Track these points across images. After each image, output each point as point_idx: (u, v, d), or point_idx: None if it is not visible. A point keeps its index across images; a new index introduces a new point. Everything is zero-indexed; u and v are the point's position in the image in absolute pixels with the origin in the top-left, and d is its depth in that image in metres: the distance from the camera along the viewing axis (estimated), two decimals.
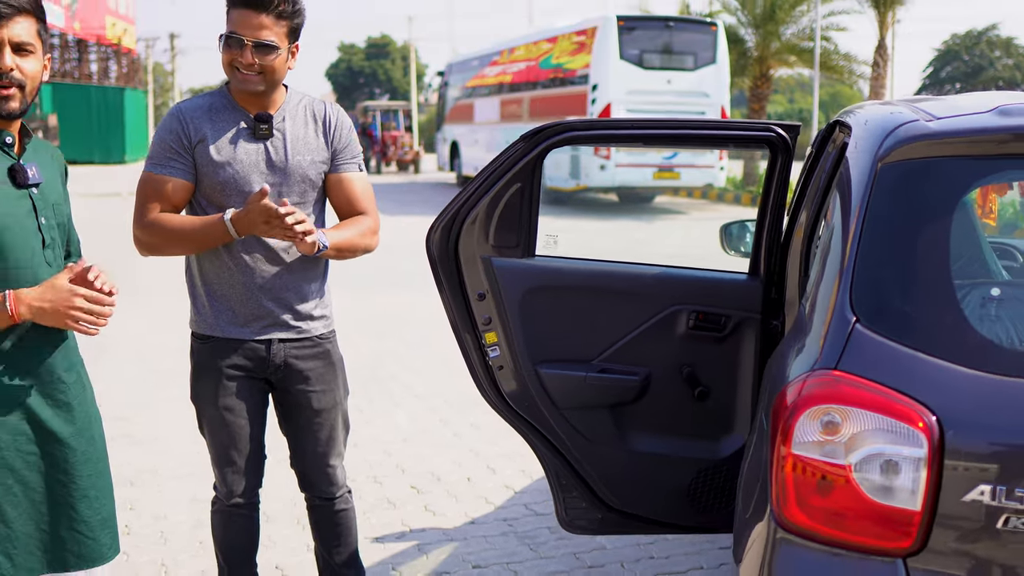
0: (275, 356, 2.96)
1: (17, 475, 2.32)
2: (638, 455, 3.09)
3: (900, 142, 1.96)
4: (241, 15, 2.80)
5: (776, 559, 1.77)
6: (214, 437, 3.01)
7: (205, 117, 2.90)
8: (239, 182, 2.86)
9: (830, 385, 1.76)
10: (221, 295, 2.93)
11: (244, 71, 2.82)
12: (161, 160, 2.89)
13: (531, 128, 2.90)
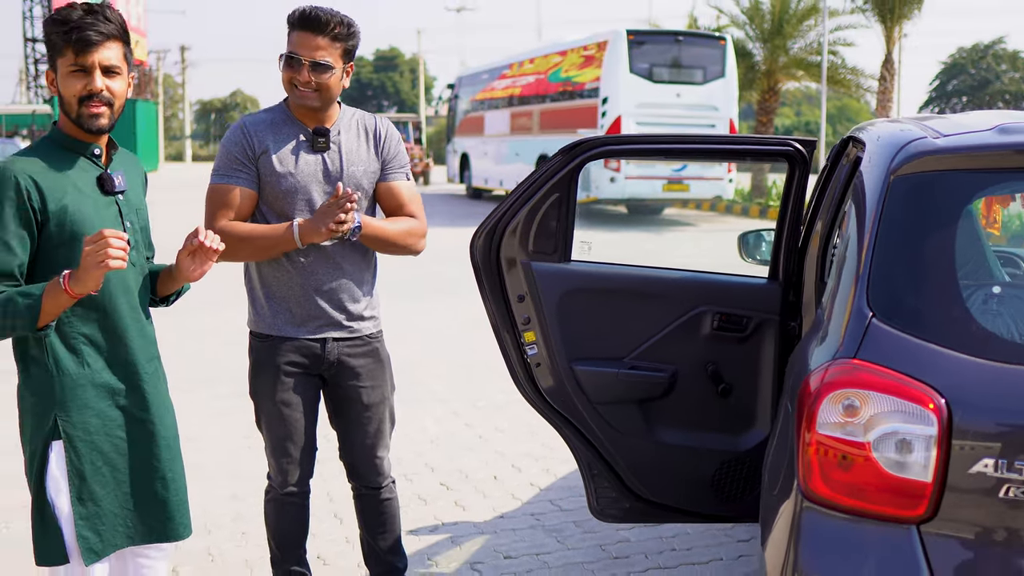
0: (329, 354, 3.18)
1: (106, 457, 2.54)
2: (665, 447, 3.31)
3: (910, 157, 2.18)
4: (300, 36, 3.04)
5: (803, 526, 1.99)
6: (271, 430, 3.23)
7: (268, 130, 3.13)
8: (300, 191, 3.09)
9: (850, 372, 1.98)
10: (280, 297, 3.15)
11: (302, 88, 3.06)
12: (227, 171, 3.12)
13: (568, 144, 3.14)
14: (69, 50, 2.46)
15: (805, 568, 1.97)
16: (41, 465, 2.49)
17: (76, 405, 2.48)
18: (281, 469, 3.26)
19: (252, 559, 4.07)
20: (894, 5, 20.61)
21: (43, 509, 2.50)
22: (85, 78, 2.48)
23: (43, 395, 2.47)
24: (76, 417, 2.48)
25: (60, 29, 2.46)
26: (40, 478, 2.49)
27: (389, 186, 3.23)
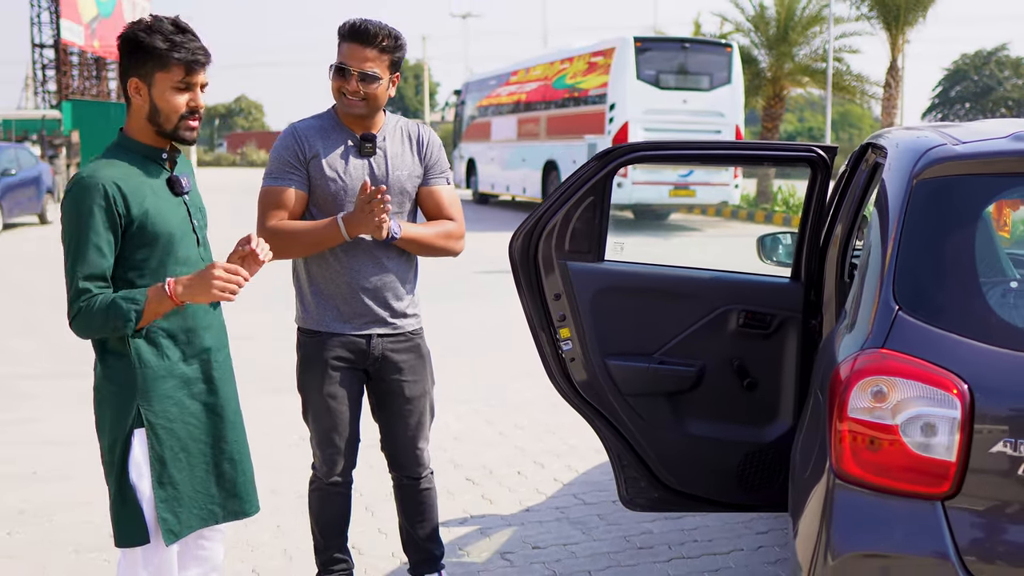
0: (374, 349, 3.35)
1: (182, 443, 2.70)
2: (693, 439, 3.47)
3: (932, 162, 2.35)
4: (350, 48, 3.20)
5: (835, 504, 2.15)
6: (318, 422, 3.39)
7: (317, 136, 3.30)
8: (348, 194, 3.26)
9: (878, 361, 2.14)
10: (328, 295, 3.32)
11: (350, 97, 3.22)
12: (279, 173, 3.28)
13: (602, 150, 3.31)
14: (179, 68, 2.62)
15: (837, 542, 2.13)
16: (124, 452, 2.64)
17: (156, 395, 2.64)
18: (326, 460, 3.43)
19: (290, 549, 4.24)
20: (899, 13, 20.78)
21: (125, 493, 2.65)
22: (189, 94, 2.65)
23: (125, 386, 2.63)
24: (157, 406, 2.64)
25: (168, 46, 2.60)
26: (123, 464, 2.64)
27: (431, 190, 3.40)
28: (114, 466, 2.67)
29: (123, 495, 2.67)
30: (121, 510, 2.68)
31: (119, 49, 2.70)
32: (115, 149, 2.73)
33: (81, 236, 2.58)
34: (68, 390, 6.91)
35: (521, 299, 3.46)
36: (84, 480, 5.06)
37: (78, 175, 2.64)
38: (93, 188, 2.56)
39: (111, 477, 2.69)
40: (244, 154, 69.74)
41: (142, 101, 2.68)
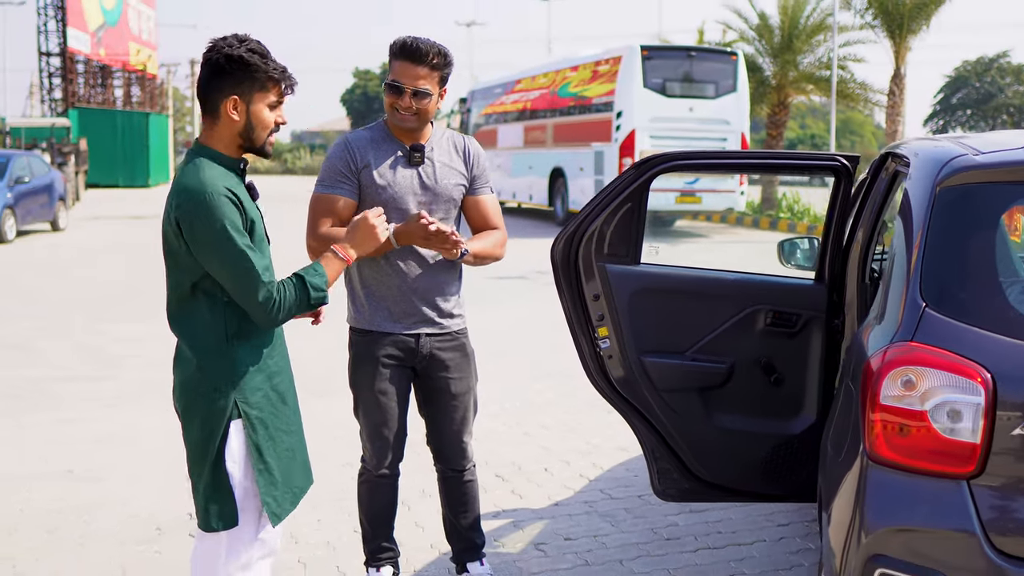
0: (423, 348, 3.55)
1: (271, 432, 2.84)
2: (723, 432, 3.67)
3: (954, 171, 2.54)
4: (402, 66, 3.40)
5: (868, 484, 2.34)
6: (368, 417, 3.59)
7: (369, 147, 3.50)
8: (397, 201, 3.46)
9: (908, 352, 2.34)
10: (379, 296, 3.52)
11: (403, 112, 3.43)
12: (331, 182, 3.49)
13: (639, 160, 3.52)
14: (276, 89, 2.81)
15: (871, 518, 2.32)
16: (221, 441, 2.82)
17: (250, 388, 2.83)
18: (376, 453, 3.63)
19: (332, 540, 4.43)
20: (903, 21, 21.01)
21: (219, 479, 2.82)
22: (276, 112, 2.85)
23: (222, 381, 2.81)
24: (251, 398, 2.82)
25: (268, 68, 2.79)
26: (219, 452, 2.82)
27: (477, 200, 3.61)
28: (208, 455, 2.82)
29: (216, 482, 2.83)
30: (213, 495, 2.84)
31: (212, 67, 2.81)
32: (204, 161, 2.83)
33: (236, 241, 2.72)
34: (98, 392, 7.11)
35: (561, 300, 3.66)
36: (119, 479, 5.25)
37: (198, 188, 2.73)
38: (220, 198, 2.70)
39: (204, 465, 2.83)
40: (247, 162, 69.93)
41: (238, 117, 2.82)
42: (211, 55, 2.81)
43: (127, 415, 6.48)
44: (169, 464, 5.46)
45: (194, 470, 2.90)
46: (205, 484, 2.87)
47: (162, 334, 10.11)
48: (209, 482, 2.85)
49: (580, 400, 6.94)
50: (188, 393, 2.88)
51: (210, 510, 2.87)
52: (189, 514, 4.72)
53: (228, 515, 2.86)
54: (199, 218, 2.71)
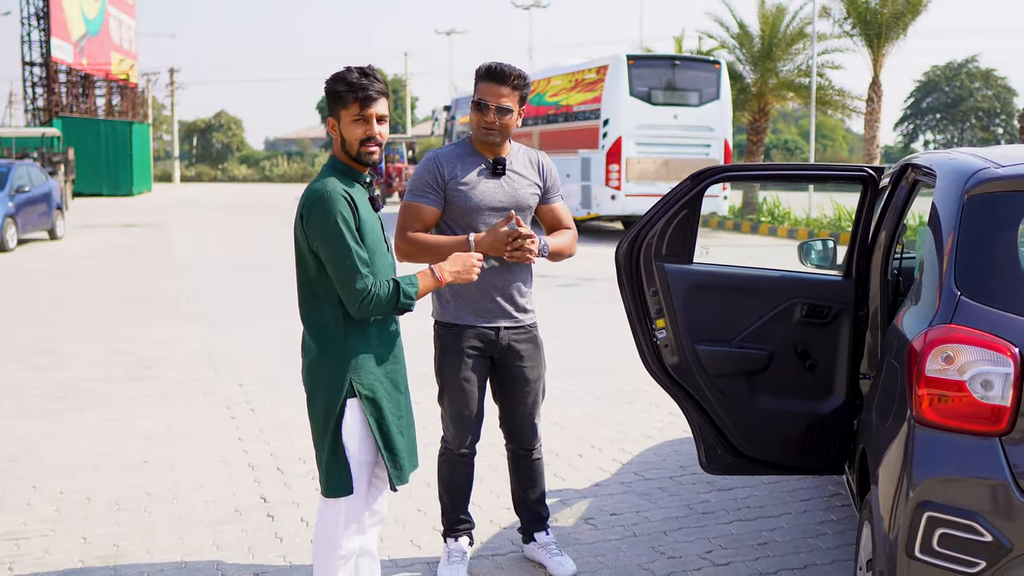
0: (502, 339, 3.99)
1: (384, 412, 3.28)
2: (764, 411, 4.12)
3: (980, 181, 3.02)
4: (487, 87, 3.86)
5: (916, 443, 2.80)
6: (453, 401, 4.02)
7: (456, 161, 3.94)
8: (482, 209, 3.91)
9: (948, 333, 2.80)
10: (464, 293, 3.95)
11: (487, 128, 3.88)
12: (420, 192, 3.93)
13: (695, 171, 4.00)
14: (356, 104, 3.21)
15: (919, 471, 2.78)
16: (338, 417, 3.25)
17: (364, 371, 3.26)
18: (459, 433, 4.06)
19: (401, 518, 4.85)
20: (881, 30, 21.66)
21: (337, 452, 3.24)
22: (365, 125, 3.24)
23: (340, 365, 3.23)
24: (364, 380, 3.25)
25: (346, 87, 3.21)
26: (337, 427, 3.25)
27: (551, 207, 4.07)
28: (328, 429, 3.25)
29: (335, 454, 3.26)
30: (332, 466, 3.26)
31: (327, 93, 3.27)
32: (330, 170, 3.29)
33: (344, 234, 3.13)
34: (139, 391, 7.49)
35: (622, 295, 4.12)
36: (191, 468, 5.65)
37: (320, 188, 3.18)
38: (336, 197, 3.13)
39: (324, 439, 3.26)
40: (225, 169, 70.12)
41: (336, 134, 3.29)
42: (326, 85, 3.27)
43: (175, 412, 6.86)
44: (230, 456, 5.88)
45: (317, 443, 3.33)
46: (326, 456, 3.29)
47: (187, 336, 10.77)
48: (329, 454, 3.28)
49: (601, 394, 7.40)
50: (313, 375, 3.31)
51: (331, 479, 3.29)
52: (263, 498, 5.15)
53: (345, 484, 3.28)
54: (316, 210, 3.15)
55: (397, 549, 4.47)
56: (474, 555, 4.39)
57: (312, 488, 5.25)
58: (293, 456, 5.83)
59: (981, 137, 69.71)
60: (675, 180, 20.66)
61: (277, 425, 6.52)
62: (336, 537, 3.36)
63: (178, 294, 12.83)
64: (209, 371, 8.17)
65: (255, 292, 12.90)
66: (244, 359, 8.63)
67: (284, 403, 7.09)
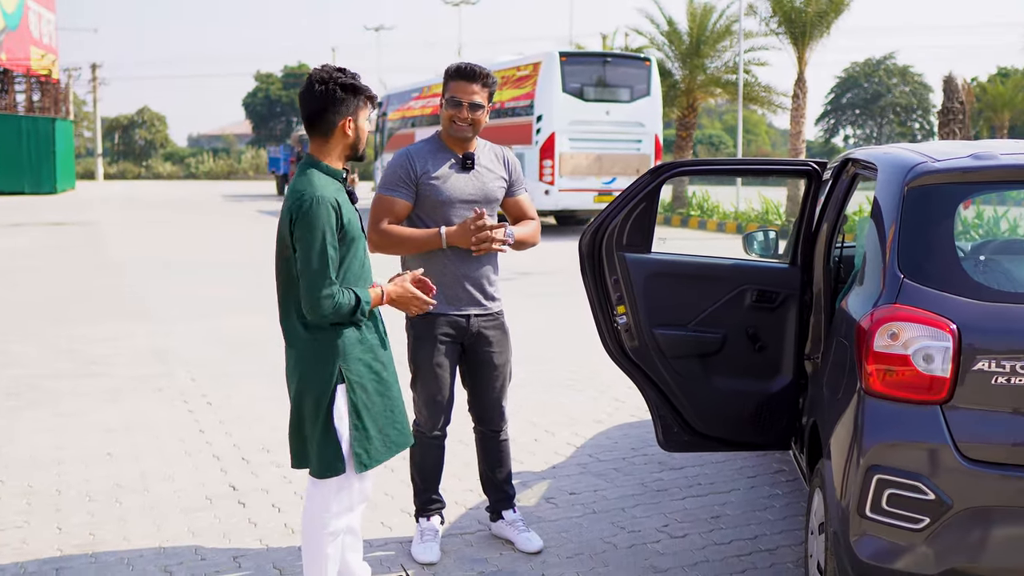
0: (472, 326, 4.20)
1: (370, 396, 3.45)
2: (718, 391, 4.39)
3: (919, 174, 3.30)
4: (459, 84, 4.07)
5: (866, 412, 3.07)
6: (427, 387, 4.21)
7: (427, 157, 4.14)
8: (452, 202, 4.11)
9: (893, 312, 3.08)
10: (436, 282, 4.14)
11: (459, 123, 4.08)
12: (393, 186, 4.12)
13: (653, 166, 4.25)
14: (370, 104, 3.48)
15: (869, 436, 3.06)
16: (329, 402, 3.42)
17: (352, 358, 3.44)
18: (432, 416, 4.26)
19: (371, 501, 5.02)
20: (806, 28, 22.28)
21: (329, 434, 3.42)
22: (370, 125, 3.49)
23: (330, 352, 3.41)
24: (352, 367, 3.43)
25: (368, 90, 3.45)
26: (328, 412, 3.43)
27: (516, 200, 4.29)
28: (320, 414, 3.43)
29: (327, 436, 3.43)
30: (325, 448, 3.44)
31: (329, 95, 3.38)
32: (314, 172, 3.44)
33: (326, 242, 3.31)
34: (90, 387, 7.52)
35: (585, 283, 4.35)
36: (157, 459, 5.75)
37: (310, 193, 3.33)
38: (324, 204, 3.31)
39: (316, 423, 3.44)
40: (150, 166, 69.01)
41: (351, 135, 3.47)
42: (325, 86, 3.41)
43: (131, 407, 6.92)
44: (193, 447, 6.00)
45: (309, 427, 3.50)
46: (318, 439, 3.47)
47: (134, 333, 10.85)
48: (322, 437, 3.46)
49: (548, 383, 7.64)
50: (303, 364, 3.48)
51: (323, 461, 3.47)
52: (232, 486, 5.29)
53: (337, 465, 3.47)
54: (304, 215, 3.32)
55: (369, 530, 4.65)
56: (443, 534, 4.59)
57: (279, 476, 5.40)
58: (256, 446, 5.97)
59: (899, 132, 71.64)
60: (607, 175, 21.07)
61: (236, 417, 6.64)
62: (326, 516, 3.54)
63: (119, 292, 12.77)
64: (159, 367, 8.23)
65: (195, 290, 12.90)
66: (192, 355, 8.70)
67: (239, 396, 7.21)
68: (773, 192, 29.68)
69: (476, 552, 4.41)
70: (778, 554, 4.37)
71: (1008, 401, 2.99)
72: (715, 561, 4.30)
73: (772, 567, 4.24)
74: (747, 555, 4.37)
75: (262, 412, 6.73)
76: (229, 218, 27.52)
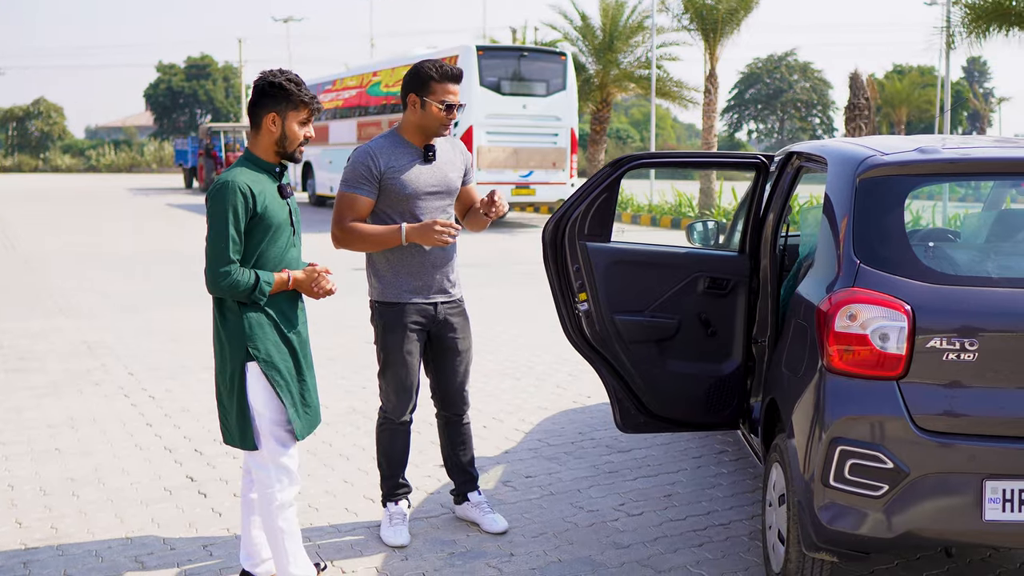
0: (439, 314, 4.33)
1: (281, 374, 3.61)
2: (672, 374, 4.59)
3: (870, 167, 3.54)
4: (447, 87, 4.20)
5: (827, 388, 3.29)
6: (397, 374, 4.32)
7: (390, 152, 4.24)
8: (417, 194, 4.23)
9: (851, 295, 3.31)
10: (406, 272, 4.26)
11: (446, 124, 4.21)
12: (355, 183, 4.21)
13: (615, 159, 4.43)
14: (307, 110, 3.60)
15: (831, 411, 3.28)
16: (241, 379, 3.60)
17: (259, 337, 3.59)
18: (401, 404, 4.37)
19: (330, 489, 5.12)
20: (717, 25, 22.80)
21: (244, 411, 3.62)
22: (305, 128, 3.62)
23: (237, 333, 3.58)
24: (261, 345, 3.59)
25: (304, 95, 3.56)
26: (242, 388, 3.60)
27: (468, 188, 4.48)
28: (234, 390, 3.62)
29: (243, 413, 3.63)
30: (241, 423, 3.65)
31: (259, 90, 3.60)
32: (244, 162, 3.64)
33: (229, 222, 3.50)
34: (25, 382, 7.41)
35: (547, 271, 4.51)
36: (107, 453, 5.74)
37: (224, 179, 3.54)
38: (232, 190, 3.49)
39: (232, 399, 3.64)
40: (47, 159, 67.05)
41: (276, 130, 3.61)
42: (259, 82, 3.63)
43: (71, 402, 6.84)
44: (143, 441, 6.00)
45: (228, 403, 3.69)
46: (235, 414, 3.68)
47: (62, 327, 10.73)
48: (238, 413, 3.67)
49: (488, 372, 7.79)
50: (218, 342, 3.70)
51: (244, 434, 3.68)
52: (190, 477, 5.32)
53: (249, 439, 3.67)
54: (213, 198, 3.54)
55: (336, 516, 4.75)
56: (409, 519, 4.71)
57: (237, 466, 5.44)
58: (208, 438, 5.99)
59: (799, 127, 73.51)
60: (525, 169, 21.28)
61: (182, 409, 6.64)
62: (270, 491, 3.71)
63: (38, 287, 12.51)
64: (93, 361, 8.14)
65: (116, 284, 12.72)
66: (125, 349, 8.62)
67: (181, 389, 7.20)
68: (688, 186, 30.28)
69: (443, 534, 4.55)
70: (732, 528, 4.60)
71: (958, 376, 3.25)
72: (673, 536, 4.51)
73: (728, 540, 4.46)
74: (702, 530, 4.59)
75: (209, 405, 6.73)
76: (138, 212, 26.98)
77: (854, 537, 3.31)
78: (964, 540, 3.33)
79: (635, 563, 4.23)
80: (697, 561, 4.24)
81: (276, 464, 3.68)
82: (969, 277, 3.51)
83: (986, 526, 3.22)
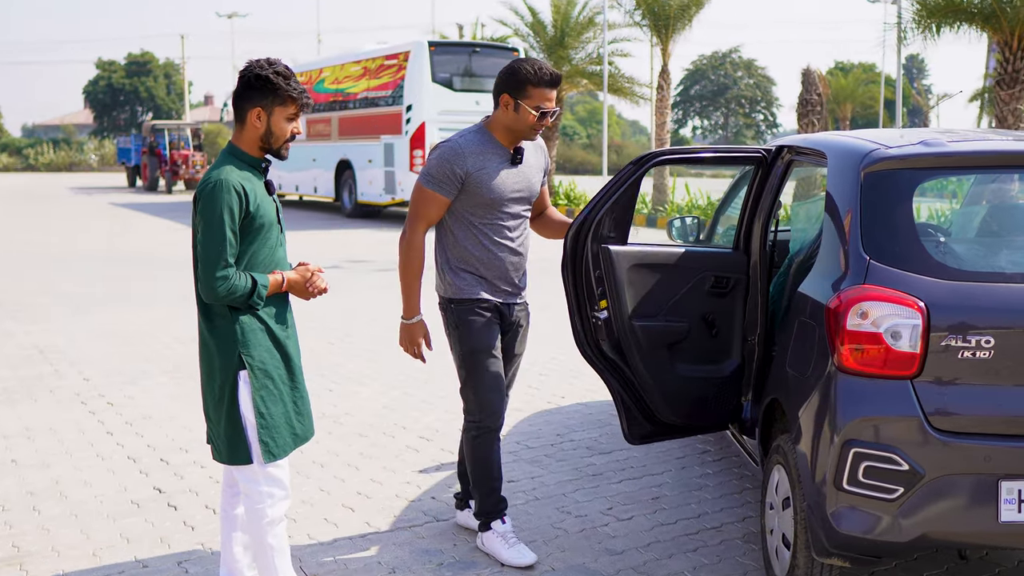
0: (512, 315, 4.23)
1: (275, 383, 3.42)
2: (681, 379, 4.39)
3: (876, 160, 3.44)
4: (546, 92, 4.01)
5: (839, 388, 3.19)
6: (486, 374, 4.10)
7: (479, 152, 4.05)
8: (501, 199, 4.08)
9: (862, 292, 3.20)
10: (491, 272, 4.12)
11: (539, 128, 4.06)
12: (440, 181, 4.03)
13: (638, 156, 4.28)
14: (295, 105, 3.40)
15: (843, 413, 3.19)
16: (232, 389, 3.38)
17: (253, 344, 3.39)
18: (495, 406, 4.14)
19: (307, 498, 4.92)
20: (669, 21, 22.80)
21: (235, 422, 3.40)
22: (292, 124, 3.43)
23: (231, 338, 3.37)
24: (254, 352, 3.39)
25: (292, 89, 3.37)
26: (233, 399, 3.38)
27: (543, 190, 4.37)
28: (224, 401, 3.41)
29: (234, 424, 3.41)
30: (232, 436, 3.42)
31: (244, 82, 3.40)
32: (230, 159, 3.43)
33: (225, 225, 3.29)
34: None
35: (564, 279, 4.29)
36: (67, 465, 5.48)
37: (215, 178, 3.33)
38: (228, 188, 3.29)
39: (222, 411, 3.42)
40: None
41: (260, 126, 3.42)
42: (245, 73, 3.42)
43: (25, 411, 6.55)
44: (105, 451, 5.75)
45: (215, 415, 3.48)
46: (224, 426, 3.46)
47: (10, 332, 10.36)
48: (227, 425, 3.45)
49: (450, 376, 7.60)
50: (207, 350, 3.48)
51: (232, 448, 3.45)
52: (158, 489, 5.09)
53: (242, 454, 3.45)
54: (207, 197, 3.34)
55: (314, 527, 4.57)
56: (391, 528, 4.54)
57: (206, 476, 5.23)
58: (173, 447, 5.76)
59: (744, 123, 74.20)
60: None
61: (144, 417, 6.39)
62: (260, 506, 3.51)
63: None
64: (45, 367, 7.84)
65: (63, 286, 12.34)
66: (78, 354, 8.32)
67: (142, 395, 6.94)
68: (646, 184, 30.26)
69: (430, 544, 4.38)
70: (725, 531, 4.49)
71: (973, 374, 3.16)
72: (666, 541, 4.39)
73: (722, 544, 4.35)
74: (695, 533, 4.47)
75: (172, 411, 6.50)
76: (81, 211, 26.33)
77: (867, 541, 3.21)
78: (980, 542, 3.25)
79: (631, 570, 4.10)
80: (694, 567, 4.13)
81: (267, 476, 3.47)
82: (983, 273, 3.42)
83: (1002, 527, 3.14)
